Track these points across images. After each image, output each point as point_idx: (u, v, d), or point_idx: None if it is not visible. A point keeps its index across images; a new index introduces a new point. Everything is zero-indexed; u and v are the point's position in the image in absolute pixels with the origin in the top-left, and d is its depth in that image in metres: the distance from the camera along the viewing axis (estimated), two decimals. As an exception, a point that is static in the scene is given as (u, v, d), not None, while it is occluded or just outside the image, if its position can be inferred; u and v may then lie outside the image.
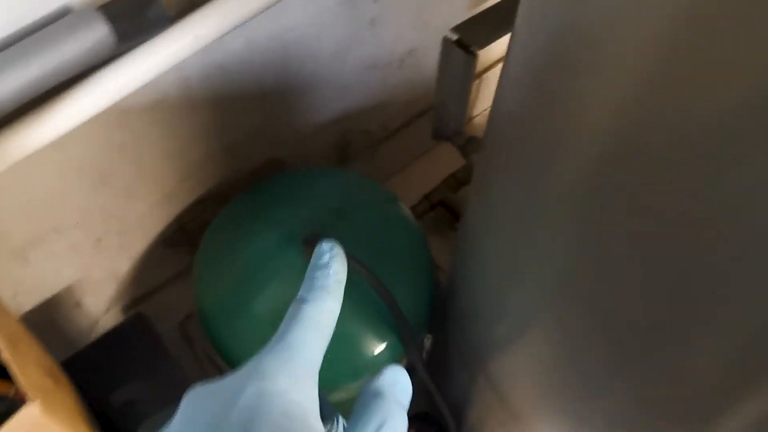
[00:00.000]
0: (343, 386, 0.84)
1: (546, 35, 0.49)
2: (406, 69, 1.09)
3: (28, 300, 0.85)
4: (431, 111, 1.04)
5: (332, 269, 0.32)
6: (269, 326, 0.81)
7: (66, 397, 0.59)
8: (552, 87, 0.49)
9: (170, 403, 0.60)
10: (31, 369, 0.53)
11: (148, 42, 0.66)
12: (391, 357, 0.84)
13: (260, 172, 0.99)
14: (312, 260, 0.33)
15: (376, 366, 0.83)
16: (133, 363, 0.74)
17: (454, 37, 0.93)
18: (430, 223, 1.24)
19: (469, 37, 0.95)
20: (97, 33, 0.58)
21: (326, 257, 0.32)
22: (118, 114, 0.73)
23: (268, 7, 0.72)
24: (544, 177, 0.56)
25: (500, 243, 0.72)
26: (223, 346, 0.84)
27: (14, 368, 0.48)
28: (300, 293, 0.32)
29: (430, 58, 0.98)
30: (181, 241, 0.98)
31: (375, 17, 0.95)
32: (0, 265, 0.78)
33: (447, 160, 1.21)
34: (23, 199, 0.73)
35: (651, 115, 0.38)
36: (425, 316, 0.89)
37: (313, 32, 0.87)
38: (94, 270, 0.90)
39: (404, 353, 0.84)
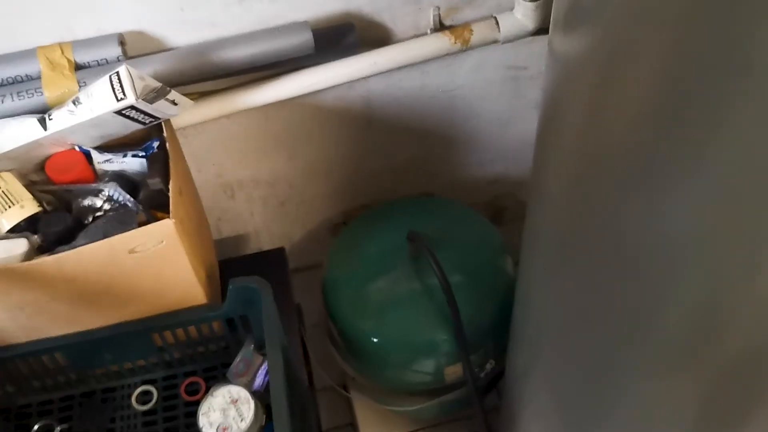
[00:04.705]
0: (410, 364, 1.03)
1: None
2: (568, 158, 1.26)
3: (227, 228, 1.20)
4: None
5: None
6: (368, 299, 1.03)
7: (202, 251, 0.87)
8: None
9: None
10: (184, 214, 0.82)
11: (338, 59, 0.96)
12: (448, 353, 1.00)
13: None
14: None
15: (436, 355, 1.01)
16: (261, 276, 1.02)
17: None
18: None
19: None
20: (303, 38, 0.90)
21: None
22: (313, 108, 1.05)
23: (433, 57, 0.99)
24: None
25: (521, 287, 0.87)
26: (333, 311, 1.08)
27: (171, 203, 0.78)
28: None
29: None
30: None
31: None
32: (215, 192, 1.13)
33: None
34: (238, 147, 1.07)
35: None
36: (491, 339, 1.03)
37: (479, 96, 1.12)
38: (275, 227, 1.22)
39: (459, 356, 1.00)
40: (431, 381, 1.04)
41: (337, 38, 0.95)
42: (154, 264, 0.79)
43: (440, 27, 1.00)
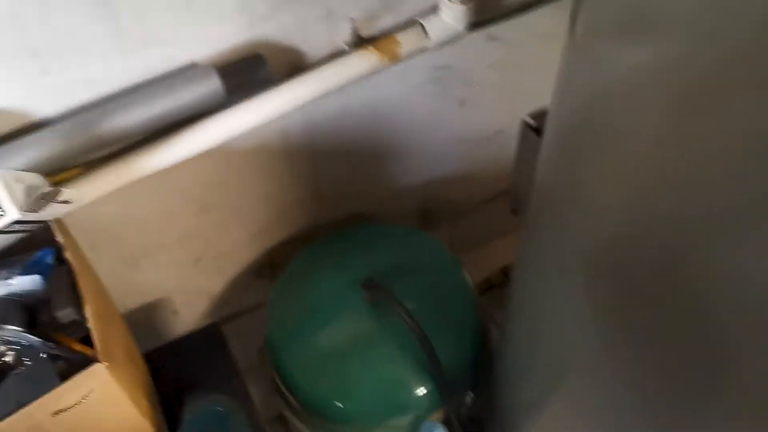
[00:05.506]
0: (384, 422, 0.92)
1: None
2: (494, 147, 1.18)
3: (134, 300, 1.01)
4: (514, 188, 1.12)
5: None
6: (325, 357, 0.91)
7: (136, 374, 0.71)
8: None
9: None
10: (110, 341, 0.65)
11: (253, 97, 0.80)
12: (429, 402, 0.90)
13: (345, 223, 1.11)
14: None
15: (415, 408, 0.90)
16: (201, 367, 0.86)
17: (531, 122, 1.01)
18: (504, 294, 1.30)
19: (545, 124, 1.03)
20: (210, 86, 0.73)
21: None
22: (225, 154, 0.88)
23: (360, 78, 0.85)
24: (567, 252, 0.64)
25: (530, 308, 0.79)
26: (284, 371, 0.95)
27: (95, 335, 0.61)
28: None
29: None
30: (269, 274, 1.11)
31: (465, 98, 1.05)
32: (115, 267, 0.94)
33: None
34: (139, 213, 0.89)
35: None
36: (468, 373, 0.94)
37: (403, 104, 0.99)
38: (191, 285, 1.05)
39: (440, 402, 0.91)
40: (411, 432, 0.94)
41: (246, 74, 0.79)
42: (88, 416, 0.63)
43: (358, 40, 0.86)
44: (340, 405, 0.90)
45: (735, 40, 0.37)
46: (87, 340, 0.64)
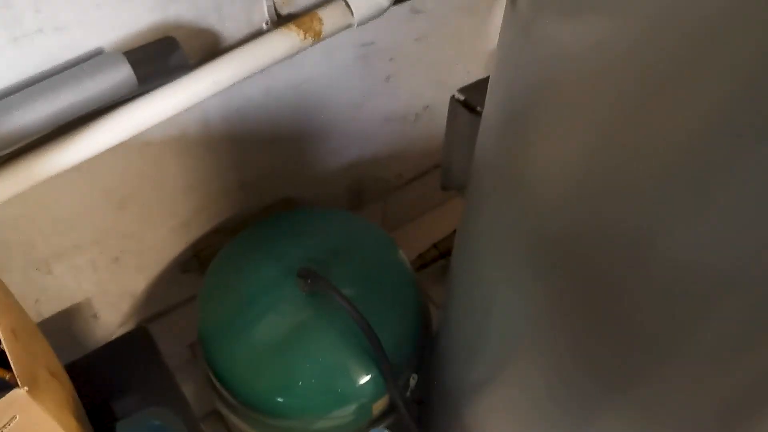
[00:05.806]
0: (329, 413, 0.89)
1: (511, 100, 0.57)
2: (421, 123, 1.16)
3: (49, 307, 0.94)
4: (444, 164, 1.10)
5: None
6: (263, 351, 0.87)
7: (60, 392, 0.65)
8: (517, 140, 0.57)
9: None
10: (29, 360, 0.60)
11: (168, 84, 0.74)
12: (374, 389, 0.88)
13: (273, 209, 1.06)
14: None
15: (360, 396, 0.88)
16: (131, 374, 0.81)
17: (461, 97, 1.00)
18: (438, 270, 1.29)
19: (475, 99, 1.02)
20: (120, 74, 0.67)
21: None
22: (141, 145, 0.82)
23: (283, 59, 0.80)
24: (512, 228, 0.63)
25: (475, 289, 0.77)
26: (219, 369, 0.90)
27: (11, 356, 0.56)
28: None
29: (446, 114, 1.05)
30: (196, 267, 1.06)
31: (390, 74, 1.02)
32: (24, 273, 0.86)
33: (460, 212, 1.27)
34: (49, 214, 0.81)
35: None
36: (411, 355, 0.93)
37: (329, 84, 0.95)
38: (111, 286, 0.99)
39: (385, 388, 0.89)
40: (356, 420, 0.92)
41: (158, 59, 0.73)
42: (10, 447, 0.57)
43: (278, 19, 0.81)
44: (281, 400, 0.87)
45: (684, 18, 0.36)
46: (2, 360, 0.59)
